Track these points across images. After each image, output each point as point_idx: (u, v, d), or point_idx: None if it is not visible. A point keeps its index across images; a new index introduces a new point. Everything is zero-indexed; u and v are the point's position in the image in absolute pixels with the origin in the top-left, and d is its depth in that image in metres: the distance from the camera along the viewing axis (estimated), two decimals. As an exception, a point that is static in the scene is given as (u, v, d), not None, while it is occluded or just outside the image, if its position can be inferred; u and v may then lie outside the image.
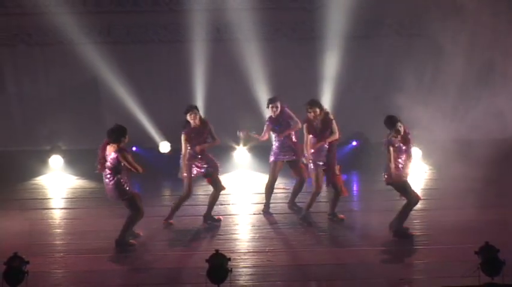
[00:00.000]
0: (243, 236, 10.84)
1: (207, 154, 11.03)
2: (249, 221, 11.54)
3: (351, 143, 15.00)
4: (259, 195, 12.76)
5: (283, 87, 13.78)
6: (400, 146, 10.20)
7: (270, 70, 14.96)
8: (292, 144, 11.53)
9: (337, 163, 11.06)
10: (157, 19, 15.47)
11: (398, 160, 10.19)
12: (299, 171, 11.57)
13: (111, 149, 10.01)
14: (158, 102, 15.31)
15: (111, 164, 10.01)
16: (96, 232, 10.82)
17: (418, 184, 12.92)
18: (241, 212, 12.02)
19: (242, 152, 14.85)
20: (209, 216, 11.23)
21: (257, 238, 10.66)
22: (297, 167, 11.57)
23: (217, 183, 11.10)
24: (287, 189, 11.98)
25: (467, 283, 8.28)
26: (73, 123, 15.07)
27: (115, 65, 14.93)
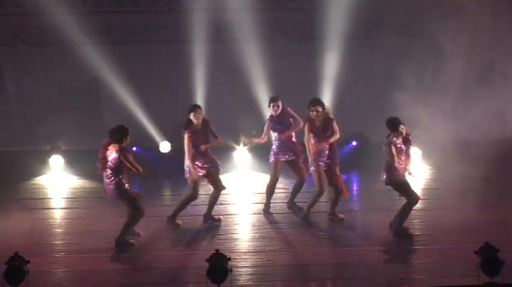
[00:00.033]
0: (243, 235, 10.84)
1: (210, 154, 11.05)
2: (249, 221, 11.54)
3: (351, 143, 15.00)
4: (259, 195, 12.76)
5: (283, 87, 13.77)
6: (401, 146, 10.25)
7: (270, 70, 14.95)
8: (292, 144, 11.52)
9: (338, 163, 11.08)
10: (157, 19, 15.47)
11: (398, 160, 10.25)
12: (299, 171, 11.57)
13: (112, 149, 10.01)
14: (158, 102, 15.30)
15: (112, 164, 10.02)
16: (96, 232, 10.83)
17: (418, 184, 12.91)
18: (241, 212, 12.02)
19: (242, 152, 14.85)
20: (209, 216, 11.24)
21: (257, 238, 10.66)
22: (297, 167, 11.57)
23: (217, 183, 11.11)
24: (287, 189, 11.98)
25: (467, 283, 8.30)
26: (73, 123, 15.06)
27: (115, 65, 14.91)
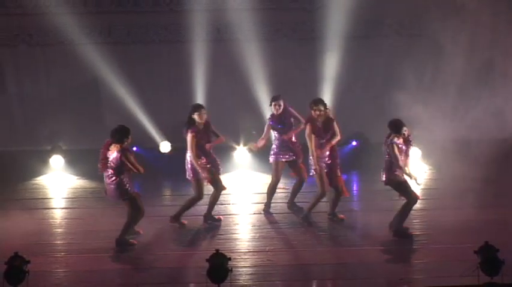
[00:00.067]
0: (243, 235, 10.85)
1: (212, 154, 11.06)
2: (249, 220, 11.55)
3: (351, 143, 15.01)
4: (259, 195, 12.77)
5: (283, 87, 13.78)
6: (402, 146, 10.28)
7: (270, 70, 14.96)
8: (291, 144, 11.54)
9: (339, 164, 11.09)
10: (157, 19, 15.48)
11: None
12: (298, 171, 11.58)
13: (114, 149, 10.03)
14: (159, 102, 15.32)
15: (113, 164, 10.03)
16: (96, 232, 10.84)
17: (418, 184, 12.92)
18: (241, 211, 12.03)
19: (242, 152, 14.85)
20: (209, 216, 11.24)
21: (257, 238, 10.67)
22: (297, 167, 11.57)
23: (217, 183, 11.13)
24: (287, 189, 11.99)
25: (466, 283, 8.31)
26: (74, 123, 15.07)
27: (116, 66, 14.93)
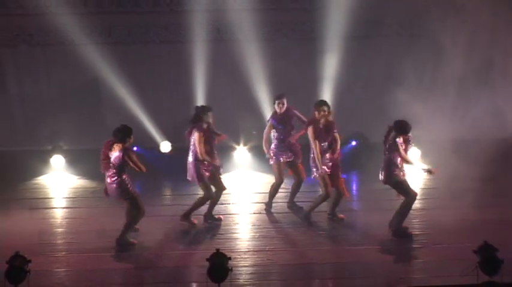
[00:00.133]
0: (244, 235, 10.87)
1: (215, 154, 11.08)
2: (249, 220, 11.57)
3: (351, 143, 15.02)
4: (259, 194, 12.80)
5: (283, 87, 13.76)
6: (402, 145, 10.35)
7: (270, 70, 14.98)
8: (290, 144, 11.57)
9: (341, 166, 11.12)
10: (158, 20, 15.50)
11: (397, 159, 10.32)
12: (297, 171, 11.60)
13: (116, 148, 10.06)
14: (159, 102, 15.34)
15: (115, 163, 10.06)
16: (97, 231, 10.85)
17: (417, 184, 12.95)
18: (241, 211, 12.04)
19: (242, 152, 14.87)
20: (210, 215, 11.27)
21: (257, 237, 10.69)
22: (296, 167, 11.59)
23: (218, 183, 11.16)
24: (287, 189, 12.00)
25: (466, 282, 8.34)
26: (74, 123, 15.08)
27: (116, 66, 14.94)
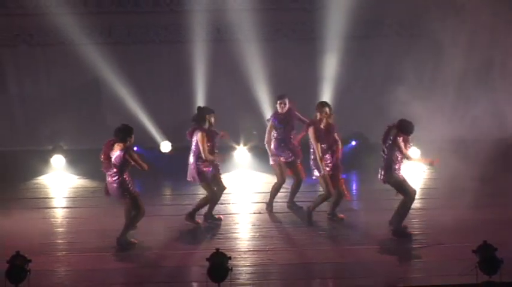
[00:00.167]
0: (244, 235, 10.89)
1: (215, 153, 11.11)
2: (249, 220, 11.58)
3: (350, 142, 15.03)
4: (259, 194, 12.82)
5: (283, 87, 13.78)
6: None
7: (270, 70, 15.00)
8: (290, 144, 11.58)
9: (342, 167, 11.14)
10: (158, 20, 15.52)
11: (396, 158, 10.36)
12: (296, 171, 11.61)
13: (117, 148, 10.09)
14: (159, 102, 15.36)
15: (116, 162, 10.07)
16: (98, 231, 10.86)
17: (417, 183, 12.97)
18: (241, 211, 12.05)
19: (242, 152, 14.88)
20: (210, 215, 11.29)
21: (257, 237, 10.70)
22: (295, 167, 11.61)
23: (218, 182, 11.18)
24: (286, 189, 12.02)
25: (465, 282, 8.36)
26: (74, 123, 15.09)
27: (116, 66, 14.96)
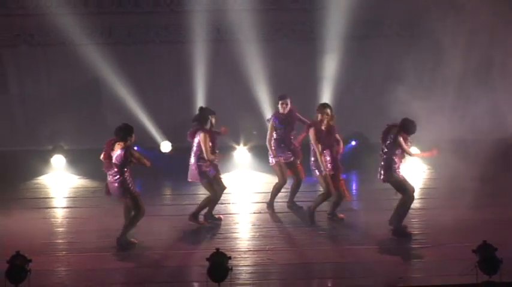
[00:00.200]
0: (244, 234, 10.90)
1: (216, 153, 11.12)
2: (249, 220, 11.60)
3: (350, 142, 15.03)
4: (259, 194, 12.83)
5: (283, 87, 13.80)
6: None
7: (270, 71, 15.01)
8: (290, 144, 11.61)
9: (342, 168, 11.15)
10: (158, 20, 15.53)
11: (395, 157, 10.38)
12: (296, 171, 11.63)
13: (118, 147, 10.10)
14: (159, 102, 15.37)
15: (117, 162, 10.09)
16: (97, 231, 10.87)
17: (417, 183, 12.98)
18: (241, 211, 12.06)
19: (242, 151, 14.89)
20: (210, 215, 11.31)
21: (257, 237, 10.72)
22: (295, 167, 11.63)
23: (218, 182, 11.19)
24: (286, 188, 12.03)
25: (465, 282, 8.37)
26: (75, 123, 15.11)
27: (116, 66, 14.98)
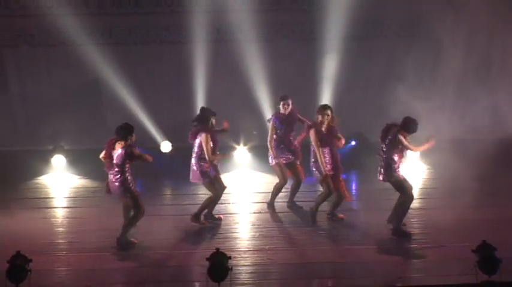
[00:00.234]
0: (243, 234, 10.92)
1: (217, 153, 11.14)
2: (249, 219, 11.61)
3: (350, 142, 15.03)
4: (259, 194, 12.84)
5: (283, 87, 13.81)
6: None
7: (270, 71, 15.01)
8: (290, 145, 11.62)
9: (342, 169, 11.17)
10: (158, 20, 15.54)
11: (394, 156, 10.40)
12: (296, 171, 11.65)
13: (118, 146, 10.13)
14: (159, 102, 15.38)
15: (118, 161, 10.11)
16: (98, 231, 10.89)
17: (416, 183, 13.00)
18: (241, 211, 12.06)
19: (242, 151, 14.90)
20: (210, 215, 11.33)
21: (257, 237, 10.74)
22: (295, 168, 11.65)
23: (219, 182, 11.21)
24: (286, 188, 12.05)
25: (465, 281, 8.38)
26: (75, 123, 15.10)
27: (117, 66, 14.97)
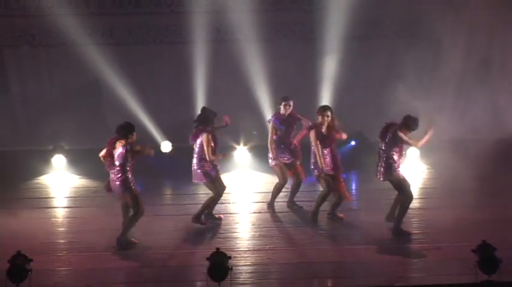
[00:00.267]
0: (244, 234, 10.93)
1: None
2: (249, 219, 11.62)
3: (350, 142, 15.04)
4: (259, 194, 12.86)
5: (283, 87, 13.84)
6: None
7: (270, 71, 15.02)
8: (290, 145, 11.64)
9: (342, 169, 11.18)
10: (159, 21, 15.55)
11: (394, 155, 10.42)
12: (296, 172, 11.66)
13: (119, 145, 10.14)
14: (160, 102, 15.39)
15: (119, 160, 10.12)
16: (98, 231, 10.90)
17: (416, 183, 13.01)
18: (241, 210, 12.08)
19: (242, 151, 14.91)
20: (210, 215, 11.34)
21: (257, 236, 10.74)
22: (295, 168, 11.66)
23: (219, 182, 11.22)
24: (286, 188, 12.07)
25: (464, 281, 8.39)
26: (76, 123, 15.11)
27: (117, 66, 14.98)
